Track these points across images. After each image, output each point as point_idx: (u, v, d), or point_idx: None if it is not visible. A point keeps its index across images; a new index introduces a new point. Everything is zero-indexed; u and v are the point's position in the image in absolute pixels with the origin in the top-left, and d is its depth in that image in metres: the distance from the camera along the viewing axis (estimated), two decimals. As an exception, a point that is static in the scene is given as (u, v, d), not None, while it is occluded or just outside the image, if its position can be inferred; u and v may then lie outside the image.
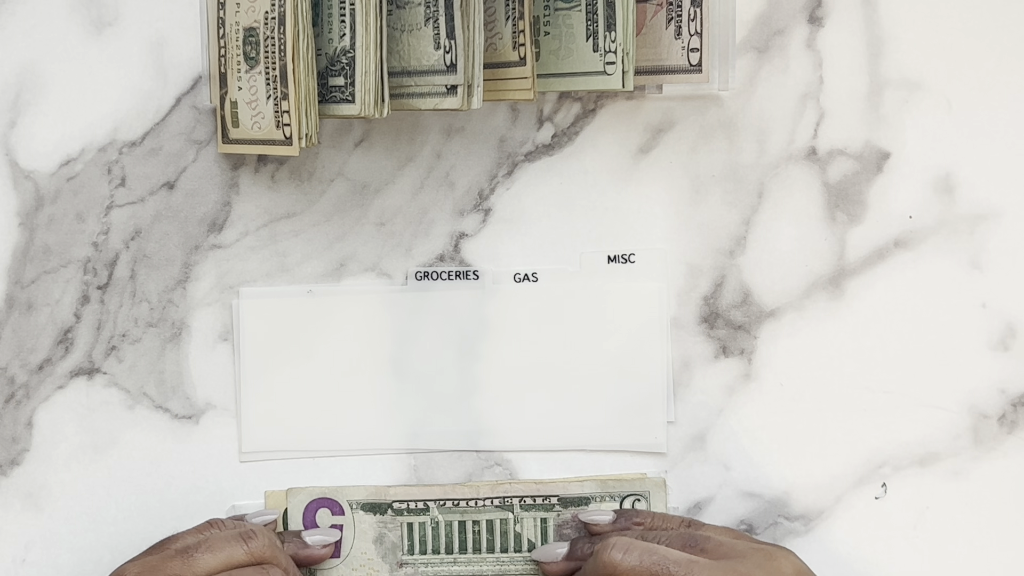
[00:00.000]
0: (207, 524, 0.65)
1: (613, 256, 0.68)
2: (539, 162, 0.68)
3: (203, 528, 0.64)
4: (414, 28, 0.62)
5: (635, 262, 0.68)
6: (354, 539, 0.68)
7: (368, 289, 0.68)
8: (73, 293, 0.68)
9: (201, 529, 0.64)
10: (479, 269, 0.68)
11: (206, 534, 0.63)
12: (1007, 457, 0.69)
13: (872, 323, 0.68)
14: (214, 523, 0.65)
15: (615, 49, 0.64)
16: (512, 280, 0.68)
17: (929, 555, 0.69)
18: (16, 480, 0.69)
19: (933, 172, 0.68)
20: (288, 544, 0.67)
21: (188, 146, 0.68)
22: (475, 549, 0.68)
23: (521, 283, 0.68)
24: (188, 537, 0.64)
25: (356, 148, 0.68)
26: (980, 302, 0.68)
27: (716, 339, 0.69)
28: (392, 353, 0.68)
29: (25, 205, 0.68)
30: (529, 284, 0.68)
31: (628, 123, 0.68)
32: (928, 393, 0.69)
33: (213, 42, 0.65)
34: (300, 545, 0.67)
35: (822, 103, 0.68)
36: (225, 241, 0.68)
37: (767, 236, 0.68)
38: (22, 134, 0.68)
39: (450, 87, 0.62)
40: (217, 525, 0.65)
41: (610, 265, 0.68)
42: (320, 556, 0.67)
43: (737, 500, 0.69)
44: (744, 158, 0.68)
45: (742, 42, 0.68)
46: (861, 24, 0.68)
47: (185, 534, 0.64)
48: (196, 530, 0.64)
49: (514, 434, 0.69)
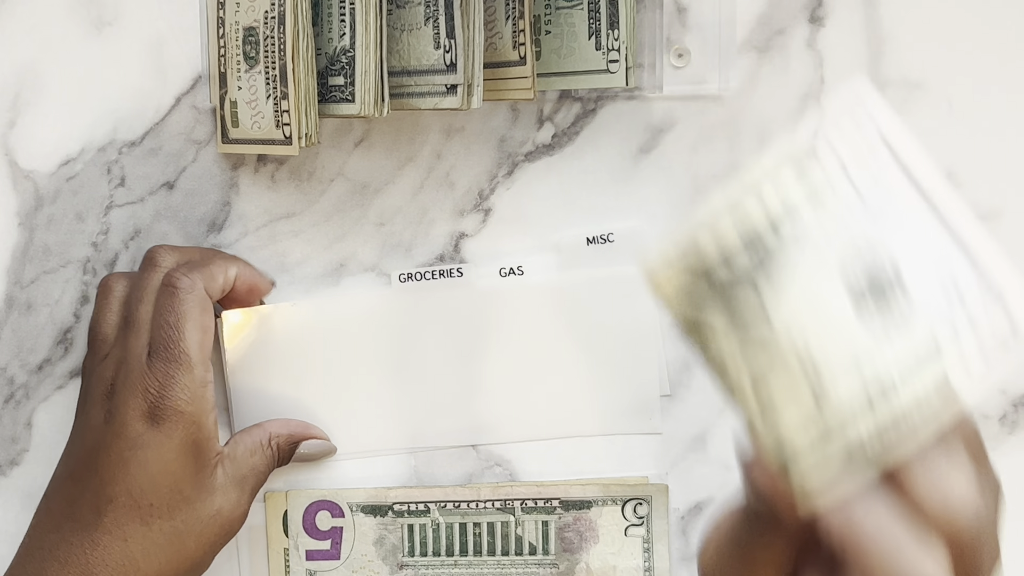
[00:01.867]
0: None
1: (592, 238, 0.68)
2: (539, 162, 0.68)
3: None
4: (414, 27, 0.62)
5: (614, 242, 0.68)
6: (354, 541, 0.68)
7: (355, 292, 0.68)
8: (73, 293, 0.68)
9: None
10: (462, 267, 0.68)
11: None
12: (1008, 457, 0.69)
13: (873, 323, 0.68)
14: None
15: (618, 47, 0.64)
16: (498, 275, 0.68)
17: (930, 556, 0.69)
18: (15, 480, 0.69)
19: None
20: None
21: (188, 146, 0.68)
22: (476, 551, 0.68)
23: (507, 277, 0.68)
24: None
25: (356, 148, 0.68)
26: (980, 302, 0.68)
27: (716, 339, 0.69)
28: (387, 353, 0.68)
29: (24, 205, 0.68)
30: (515, 277, 0.68)
31: (628, 123, 0.68)
32: (929, 393, 0.68)
33: (213, 42, 0.65)
34: None
35: (823, 103, 0.68)
36: (225, 241, 0.68)
37: (767, 236, 0.68)
38: (21, 134, 0.68)
39: (450, 87, 0.62)
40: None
41: (589, 247, 0.68)
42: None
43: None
44: (744, 158, 0.68)
45: (742, 42, 0.68)
46: (862, 24, 0.68)
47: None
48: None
49: (512, 426, 0.68)
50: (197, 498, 0.62)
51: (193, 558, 0.62)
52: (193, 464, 0.62)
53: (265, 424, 0.67)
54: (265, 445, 0.65)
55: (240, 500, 0.64)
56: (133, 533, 0.61)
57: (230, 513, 0.63)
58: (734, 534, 0.47)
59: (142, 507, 0.61)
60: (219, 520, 0.63)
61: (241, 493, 0.64)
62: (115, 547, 0.61)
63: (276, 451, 0.66)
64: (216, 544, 0.63)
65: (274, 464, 0.66)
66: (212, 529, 0.63)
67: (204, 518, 0.62)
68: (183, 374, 0.61)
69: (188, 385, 0.61)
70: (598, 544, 0.68)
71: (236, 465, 0.64)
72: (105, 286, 0.66)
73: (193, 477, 0.62)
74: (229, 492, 0.63)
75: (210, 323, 0.63)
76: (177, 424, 0.61)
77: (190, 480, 0.62)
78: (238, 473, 0.64)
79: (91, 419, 0.63)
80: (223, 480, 0.63)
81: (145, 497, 0.61)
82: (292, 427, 0.67)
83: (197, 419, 0.62)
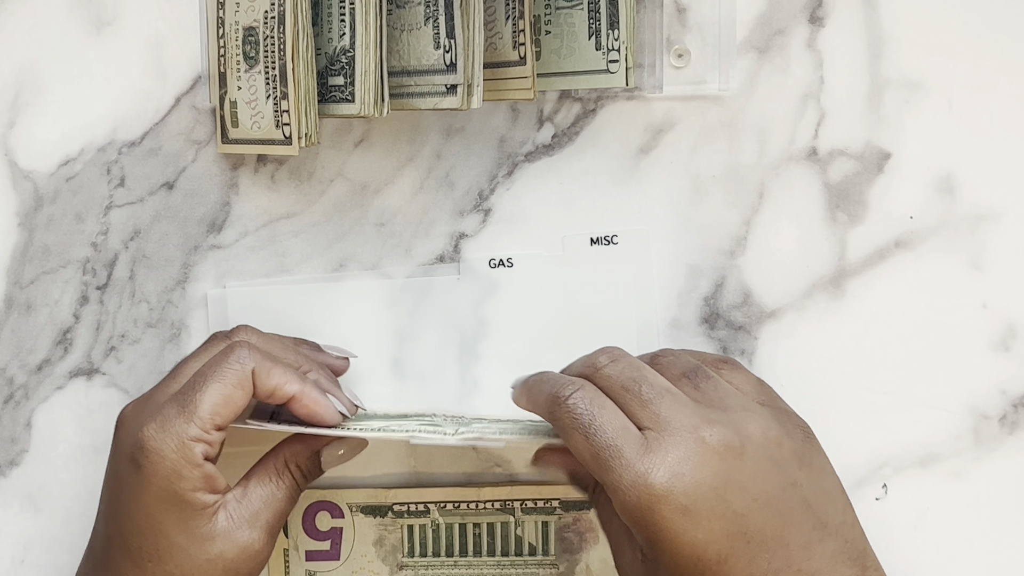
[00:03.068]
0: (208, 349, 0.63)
1: (596, 239, 0.68)
2: (539, 162, 0.68)
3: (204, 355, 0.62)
4: (414, 27, 0.62)
5: (618, 244, 0.68)
6: (354, 542, 0.68)
7: (351, 285, 0.68)
8: (72, 293, 0.68)
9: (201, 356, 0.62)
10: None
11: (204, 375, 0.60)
12: (1008, 458, 0.69)
13: (873, 324, 0.68)
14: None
15: (618, 47, 0.64)
16: (487, 266, 0.68)
17: (930, 556, 0.69)
18: (15, 481, 0.69)
19: (934, 172, 0.68)
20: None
21: (187, 146, 0.68)
22: (476, 552, 0.68)
23: (496, 268, 0.68)
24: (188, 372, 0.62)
25: (356, 148, 0.68)
26: (981, 302, 0.68)
27: (717, 340, 0.69)
28: (384, 351, 0.68)
29: (24, 205, 0.68)
30: (504, 269, 0.68)
31: (628, 123, 0.68)
32: (929, 394, 0.68)
33: (212, 42, 0.65)
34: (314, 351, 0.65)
35: (823, 103, 0.68)
36: (224, 241, 0.68)
37: (768, 236, 0.68)
38: (21, 134, 0.68)
39: (450, 87, 0.62)
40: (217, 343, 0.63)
41: (593, 248, 0.68)
42: (339, 366, 0.66)
43: (738, 501, 0.69)
44: (745, 158, 0.68)
45: (742, 42, 0.68)
46: (862, 24, 0.68)
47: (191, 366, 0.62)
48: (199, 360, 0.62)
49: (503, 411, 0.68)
50: (190, 545, 0.59)
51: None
52: (177, 514, 0.58)
53: (278, 447, 0.63)
54: (281, 471, 0.62)
55: (252, 539, 0.60)
56: (128, 574, 0.59)
57: (236, 556, 0.59)
58: None
59: (132, 550, 0.59)
60: (220, 564, 0.59)
61: (252, 531, 0.60)
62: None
63: (296, 472, 0.62)
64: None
65: (298, 486, 0.63)
66: (214, 574, 0.59)
67: (201, 563, 0.59)
68: (182, 422, 0.58)
69: (180, 433, 0.58)
70: (598, 544, 0.68)
71: (245, 504, 0.60)
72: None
73: (182, 525, 0.59)
74: (234, 536, 0.59)
75: (238, 400, 0.59)
76: (156, 470, 0.58)
77: (178, 527, 0.58)
78: (248, 511, 0.60)
79: (112, 449, 0.61)
80: (226, 525, 0.59)
81: (133, 540, 0.59)
82: (307, 439, 0.63)
83: (178, 469, 0.58)
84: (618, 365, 0.59)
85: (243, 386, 0.59)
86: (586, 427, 0.57)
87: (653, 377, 0.59)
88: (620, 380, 0.59)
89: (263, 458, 0.63)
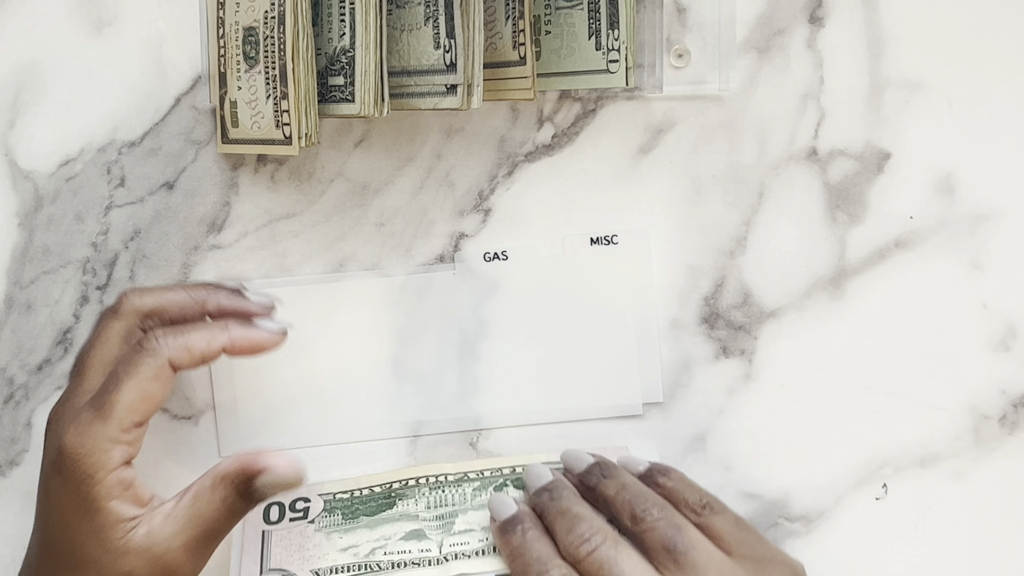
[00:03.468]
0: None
1: (596, 238, 0.68)
2: (539, 162, 0.68)
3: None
4: (414, 27, 0.62)
5: (618, 243, 0.68)
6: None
7: (351, 285, 0.68)
8: (72, 293, 0.68)
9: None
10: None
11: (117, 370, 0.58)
12: (1008, 458, 0.69)
13: (873, 323, 0.68)
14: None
15: (618, 47, 0.64)
16: (482, 259, 0.68)
17: (930, 556, 0.69)
18: (15, 481, 0.69)
19: (934, 172, 0.68)
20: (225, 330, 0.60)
21: (187, 146, 0.68)
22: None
23: (491, 262, 0.68)
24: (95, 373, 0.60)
25: (356, 148, 0.68)
26: (981, 302, 0.68)
27: (716, 339, 0.69)
28: (383, 351, 0.68)
29: (24, 205, 0.68)
30: (500, 263, 0.68)
31: (628, 123, 0.68)
32: (929, 394, 0.68)
33: (212, 42, 0.65)
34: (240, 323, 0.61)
35: (823, 103, 0.68)
36: (224, 241, 0.68)
37: (768, 236, 0.68)
38: (21, 134, 0.68)
39: (450, 87, 0.62)
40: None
41: (593, 247, 0.68)
42: (264, 339, 0.61)
43: (737, 501, 0.69)
44: (745, 158, 0.68)
45: (742, 42, 0.68)
46: (862, 24, 0.68)
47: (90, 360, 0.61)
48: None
49: (502, 410, 0.68)
50: (102, 556, 0.56)
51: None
52: (90, 522, 0.56)
53: (216, 465, 0.59)
54: (216, 487, 0.58)
55: (170, 559, 0.57)
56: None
57: (148, 574, 0.57)
58: None
59: (54, 558, 0.57)
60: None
61: (168, 551, 0.57)
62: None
63: (231, 492, 0.58)
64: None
65: (228, 508, 0.58)
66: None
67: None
68: (98, 424, 0.57)
69: (96, 435, 0.57)
70: None
71: (171, 520, 0.58)
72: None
73: (95, 535, 0.56)
74: (150, 553, 0.57)
75: (156, 393, 0.58)
76: (72, 473, 0.56)
77: (91, 538, 0.56)
78: (171, 529, 0.57)
79: (43, 452, 0.60)
80: (143, 542, 0.57)
81: (55, 548, 0.57)
82: (244, 460, 0.58)
83: (93, 473, 0.56)
84: (591, 544, 0.58)
85: (160, 378, 0.58)
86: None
87: (624, 561, 0.57)
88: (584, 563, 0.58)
89: (200, 477, 0.59)
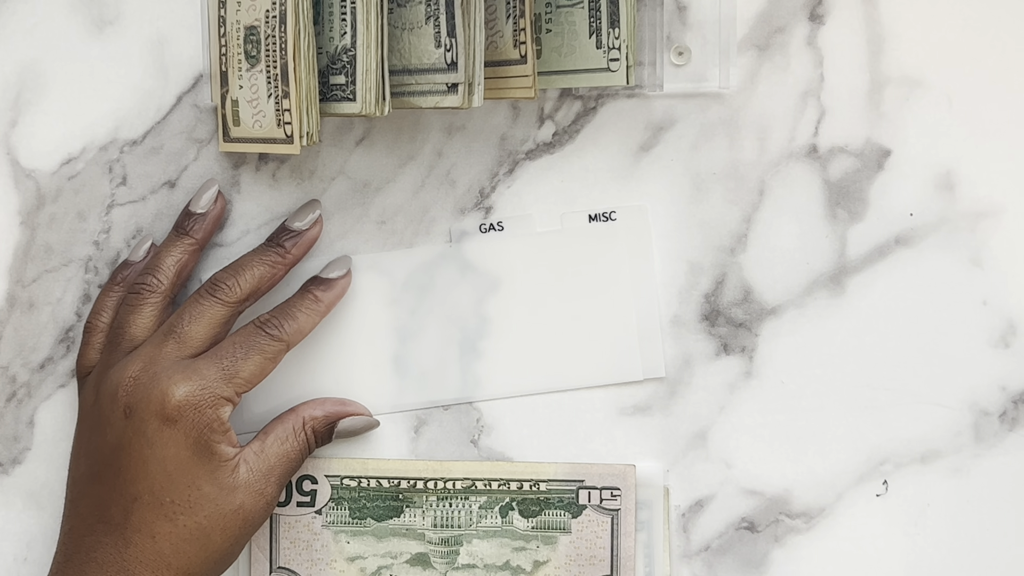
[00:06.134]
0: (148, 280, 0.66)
1: (594, 215, 0.68)
2: (540, 160, 0.68)
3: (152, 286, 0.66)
4: (415, 26, 0.62)
5: (616, 220, 0.68)
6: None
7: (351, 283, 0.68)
8: (74, 292, 0.68)
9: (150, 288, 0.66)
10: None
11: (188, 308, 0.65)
12: (1008, 454, 0.69)
13: (873, 320, 0.68)
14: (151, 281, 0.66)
15: (619, 46, 0.64)
16: (479, 231, 0.68)
17: (930, 552, 0.69)
18: (18, 479, 0.69)
19: (934, 169, 0.68)
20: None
21: (189, 145, 0.68)
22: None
23: (487, 233, 0.68)
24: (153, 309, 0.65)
25: (357, 146, 0.68)
26: (981, 299, 0.68)
27: (717, 337, 0.69)
28: (385, 349, 0.69)
29: (26, 204, 0.68)
30: (495, 233, 0.68)
31: (629, 121, 0.68)
32: (929, 390, 0.69)
33: (214, 40, 0.65)
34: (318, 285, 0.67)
35: (823, 101, 0.68)
36: (226, 240, 0.68)
37: (768, 234, 0.68)
38: (23, 133, 0.68)
39: (451, 85, 0.62)
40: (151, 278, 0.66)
41: (591, 224, 0.68)
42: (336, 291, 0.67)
43: (738, 498, 0.69)
44: (745, 156, 0.68)
45: (743, 40, 0.68)
46: (862, 21, 0.68)
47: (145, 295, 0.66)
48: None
49: (501, 382, 0.68)
50: (218, 495, 0.63)
51: (220, 551, 0.63)
52: (208, 463, 0.63)
53: (299, 408, 0.67)
54: (298, 430, 0.66)
55: (264, 492, 0.64)
56: (160, 530, 0.62)
57: (252, 507, 0.64)
58: None
59: (164, 504, 0.62)
60: (242, 515, 0.63)
61: (266, 485, 0.64)
62: (146, 545, 0.62)
63: (311, 435, 0.66)
64: (242, 537, 0.64)
65: (308, 449, 0.66)
66: (235, 523, 0.63)
67: (227, 513, 0.63)
68: (222, 384, 0.63)
69: (217, 391, 0.63)
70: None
71: (263, 458, 0.65)
72: (150, 287, 0.65)
73: (211, 475, 0.63)
74: (252, 487, 0.64)
75: (271, 369, 0.64)
76: (193, 424, 0.62)
77: (208, 478, 0.63)
78: (264, 466, 0.64)
79: (108, 414, 0.63)
80: (247, 477, 0.64)
81: (167, 494, 0.62)
82: (328, 407, 0.67)
83: (211, 422, 0.62)
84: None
85: (278, 359, 0.64)
86: None
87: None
88: None
89: (281, 416, 0.67)
